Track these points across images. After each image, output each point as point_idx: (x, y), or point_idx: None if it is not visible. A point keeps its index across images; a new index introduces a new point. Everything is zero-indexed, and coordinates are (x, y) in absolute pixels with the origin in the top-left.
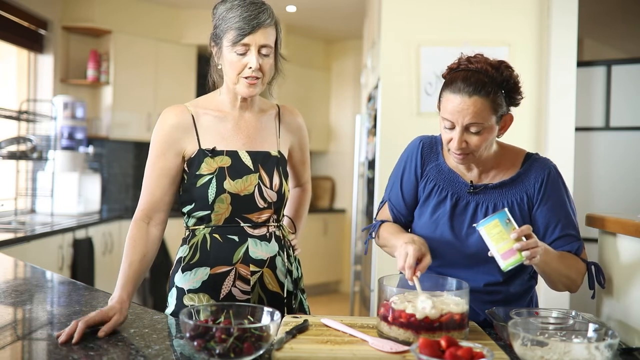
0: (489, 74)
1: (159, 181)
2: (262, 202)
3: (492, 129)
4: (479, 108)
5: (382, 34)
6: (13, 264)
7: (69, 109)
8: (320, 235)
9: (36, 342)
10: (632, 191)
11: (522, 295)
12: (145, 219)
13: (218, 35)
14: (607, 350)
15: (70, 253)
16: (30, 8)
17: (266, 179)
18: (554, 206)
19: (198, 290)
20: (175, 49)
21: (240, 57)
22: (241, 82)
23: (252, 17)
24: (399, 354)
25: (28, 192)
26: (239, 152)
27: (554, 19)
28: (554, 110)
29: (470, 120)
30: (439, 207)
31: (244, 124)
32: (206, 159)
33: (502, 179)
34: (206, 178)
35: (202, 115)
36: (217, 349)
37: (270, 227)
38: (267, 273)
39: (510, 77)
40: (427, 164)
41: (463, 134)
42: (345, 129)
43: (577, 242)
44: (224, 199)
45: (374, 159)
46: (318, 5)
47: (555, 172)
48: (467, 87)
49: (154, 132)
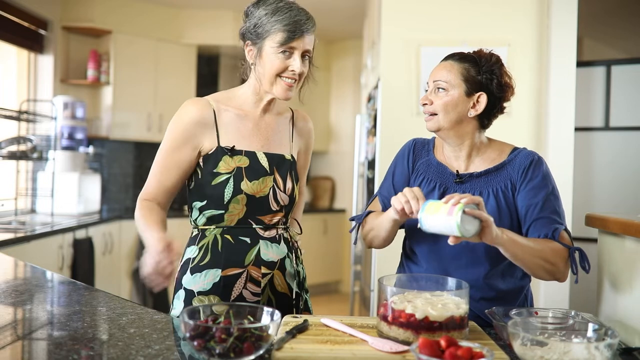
0: (474, 53)
1: (170, 173)
2: (275, 205)
3: (458, 96)
4: (448, 69)
5: (382, 34)
6: (13, 264)
7: (69, 109)
8: (320, 235)
9: (36, 342)
10: (632, 191)
11: (516, 293)
12: (152, 200)
13: (260, 35)
14: (607, 350)
15: (71, 253)
16: (30, 8)
17: (280, 182)
18: (534, 188)
19: (208, 292)
20: (175, 49)
21: (284, 59)
22: (279, 83)
23: (302, 22)
24: (399, 354)
25: (28, 192)
26: (257, 153)
27: (554, 19)
28: (553, 110)
29: (439, 77)
30: (427, 198)
31: (264, 125)
32: (224, 157)
33: (487, 167)
34: (223, 177)
35: (224, 112)
36: (217, 349)
37: (280, 229)
38: (277, 275)
39: (488, 63)
40: (418, 159)
41: (432, 92)
42: (345, 129)
43: (555, 225)
44: (239, 200)
45: (374, 159)
46: (318, 5)
47: (539, 160)
48: (450, 56)
49: (172, 122)
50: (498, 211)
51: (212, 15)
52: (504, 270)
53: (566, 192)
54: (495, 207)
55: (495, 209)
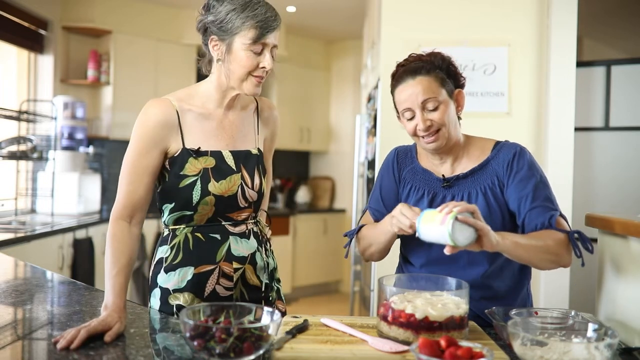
0: (423, 60)
1: (142, 179)
2: (243, 202)
3: (448, 103)
4: (426, 84)
5: (382, 34)
6: (13, 264)
7: (69, 109)
8: (320, 235)
9: (36, 342)
10: (632, 191)
11: (514, 291)
12: (126, 217)
13: (228, 31)
14: (607, 350)
15: (71, 253)
16: (30, 8)
17: (248, 178)
18: (522, 180)
19: (183, 290)
20: (175, 49)
21: (254, 55)
22: (250, 81)
23: (272, 19)
24: (399, 354)
25: (28, 192)
26: (222, 153)
27: (554, 19)
28: (553, 110)
29: (424, 96)
30: (417, 206)
31: (228, 124)
32: (190, 159)
33: (472, 167)
34: (190, 179)
35: (187, 112)
36: (217, 349)
37: (249, 224)
38: (249, 269)
39: (444, 60)
40: (403, 168)
41: (423, 114)
42: (345, 129)
43: (551, 212)
44: (208, 201)
45: (374, 159)
46: (318, 5)
47: (522, 151)
48: (409, 73)
49: (137, 126)
50: (488, 209)
51: None
52: (502, 268)
53: (566, 192)
54: (485, 205)
55: (485, 207)
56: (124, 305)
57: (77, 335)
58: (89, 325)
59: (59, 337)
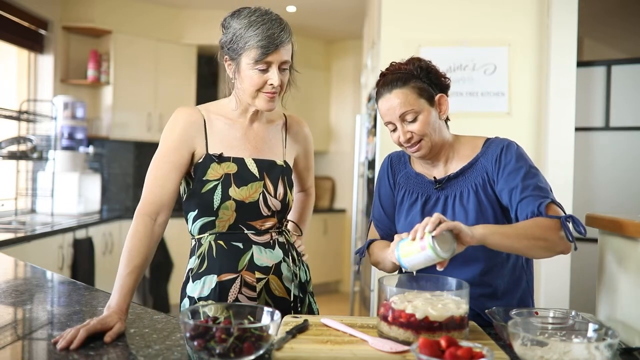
0: (401, 70)
1: (170, 174)
2: (266, 210)
3: (428, 111)
4: (402, 98)
5: (382, 34)
6: (13, 264)
7: (69, 109)
8: (320, 235)
9: (36, 342)
10: (632, 191)
11: (513, 288)
12: (152, 214)
13: (235, 51)
14: (607, 350)
15: (71, 253)
16: (30, 8)
17: (271, 187)
18: (511, 173)
19: (207, 298)
20: (175, 49)
21: (261, 74)
22: (261, 97)
23: (275, 36)
24: (399, 354)
25: (28, 192)
26: (245, 160)
27: (554, 19)
28: (553, 110)
29: (401, 109)
30: (411, 209)
31: (252, 134)
32: (213, 164)
33: (462, 166)
34: (212, 184)
35: (213, 120)
36: (217, 349)
37: (274, 234)
38: (273, 279)
39: (421, 68)
40: (397, 174)
41: (403, 126)
42: (345, 129)
43: (540, 200)
44: (228, 206)
45: (374, 159)
46: (318, 5)
47: (509, 144)
48: (387, 86)
49: (166, 129)
50: (480, 206)
51: (212, 15)
52: (499, 264)
53: (566, 192)
54: (477, 203)
55: (476, 205)
56: (127, 307)
57: (77, 335)
58: (87, 324)
59: (59, 337)
